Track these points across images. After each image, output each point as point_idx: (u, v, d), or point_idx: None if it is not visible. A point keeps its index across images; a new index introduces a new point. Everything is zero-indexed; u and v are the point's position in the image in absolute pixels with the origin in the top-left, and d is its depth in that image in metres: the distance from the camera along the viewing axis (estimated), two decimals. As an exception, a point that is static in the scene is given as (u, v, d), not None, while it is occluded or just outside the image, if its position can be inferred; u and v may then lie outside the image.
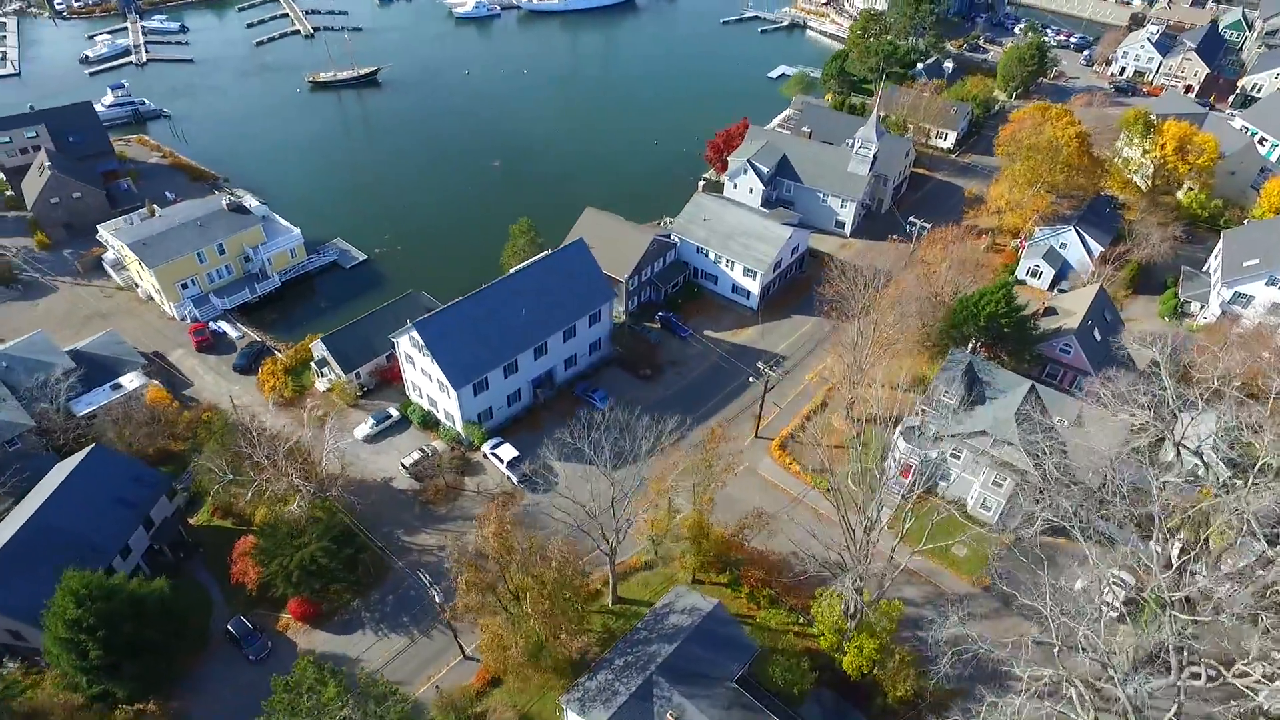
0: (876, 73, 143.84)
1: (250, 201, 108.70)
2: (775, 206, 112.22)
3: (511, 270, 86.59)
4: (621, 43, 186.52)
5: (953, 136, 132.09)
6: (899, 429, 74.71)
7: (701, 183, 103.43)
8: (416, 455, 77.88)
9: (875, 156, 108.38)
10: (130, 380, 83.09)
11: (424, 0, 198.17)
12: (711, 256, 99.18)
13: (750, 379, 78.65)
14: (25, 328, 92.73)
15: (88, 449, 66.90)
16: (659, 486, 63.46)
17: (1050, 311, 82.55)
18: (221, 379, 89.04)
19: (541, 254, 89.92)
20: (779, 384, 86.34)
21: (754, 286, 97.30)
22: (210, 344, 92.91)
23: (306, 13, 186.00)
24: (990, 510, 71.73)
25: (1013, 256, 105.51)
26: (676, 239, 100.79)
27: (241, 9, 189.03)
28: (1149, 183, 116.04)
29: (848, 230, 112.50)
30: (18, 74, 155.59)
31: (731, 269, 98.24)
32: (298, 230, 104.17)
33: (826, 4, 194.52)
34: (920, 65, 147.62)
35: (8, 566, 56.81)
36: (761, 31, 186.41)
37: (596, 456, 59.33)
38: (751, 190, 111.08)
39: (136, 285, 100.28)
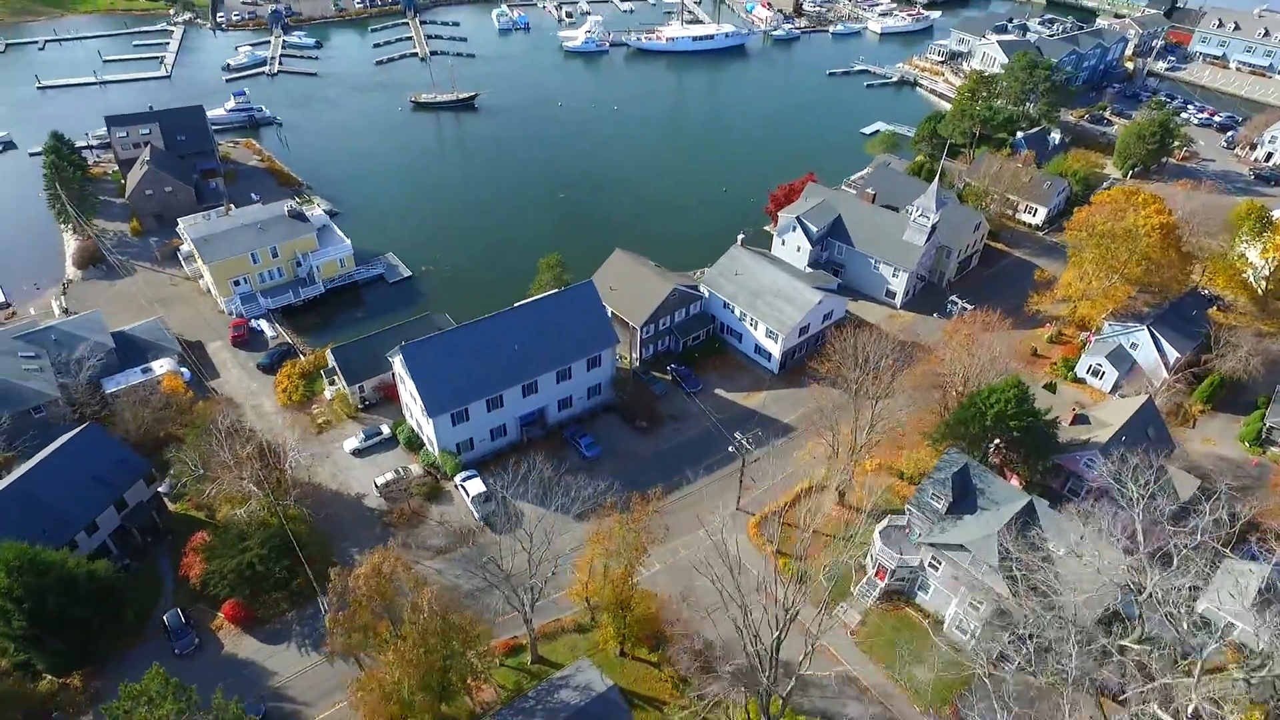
0: (969, 137, 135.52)
1: (315, 210, 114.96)
2: (824, 268, 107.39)
3: (516, 304, 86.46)
4: (722, 87, 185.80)
5: (1043, 213, 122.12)
6: (878, 528, 68.47)
7: (741, 236, 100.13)
8: (391, 476, 78.58)
9: (934, 227, 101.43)
10: (160, 365, 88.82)
11: (541, 34, 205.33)
12: (737, 313, 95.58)
13: (730, 448, 74.46)
14: (96, 305, 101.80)
15: (82, 426, 71.62)
16: (590, 550, 60.71)
17: (1081, 419, 73.47)
18: (246, 375, 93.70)
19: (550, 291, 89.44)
20: (767, 457, 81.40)
21: (775, 349, 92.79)
22: (245, 340, 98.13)
23: (429, 37, 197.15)
24: (967, 633, 64.00)
25: (1076, 350, 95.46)
26: (706, 291, 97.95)
27: (374, 29, 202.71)
28: (1265, 285, 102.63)
29: (899, 302, 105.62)
30: (168, 76, 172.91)
31: (755, 328, 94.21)
32: (349, 242, 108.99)
33: (942, 63, 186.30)
34: (1020, 134, 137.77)
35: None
36: (868, 86, 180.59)
37: (508, 514, 57.52)
38: (799, 249, 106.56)
39: (200, 277, 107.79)
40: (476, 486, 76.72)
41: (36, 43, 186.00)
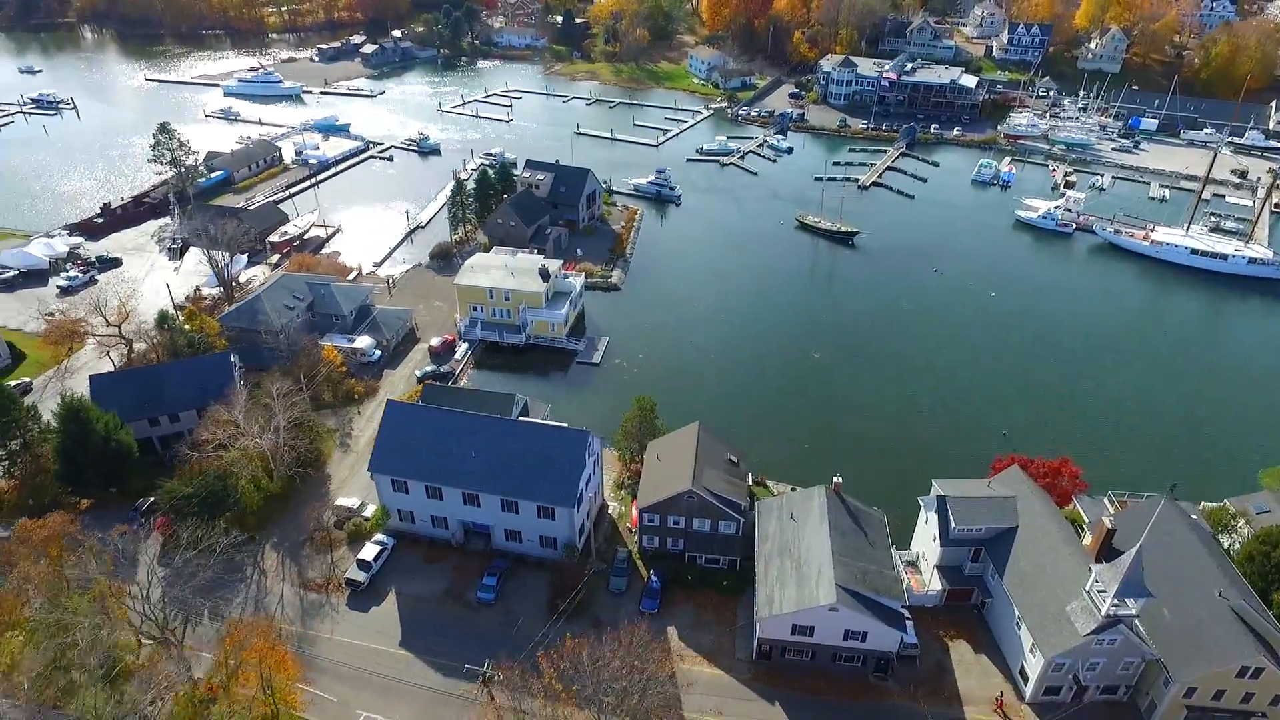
0: None
1: (574, 279, 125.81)
2: (966, 585, 75.34)
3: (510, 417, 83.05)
4: (1185, 320, 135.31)
5: None
6: None
7: (837, 479, 75.62)
8: (349, 503, 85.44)
9: (1115, 619, 61.62)
10: (359, 341, 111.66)
11: (1018, 195, 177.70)
12: (759, 564, 74.37)
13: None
14: (414, 287, 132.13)
15: (227, 350, 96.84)
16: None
17: None
18: (406, 377, 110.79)
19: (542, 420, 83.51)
20: None
21: (757, 630, 69.85)
22: (438, 353, 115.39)
23: (889, 169, 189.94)
24: None
25: None
26: (757, 518, 78.58)
27: (852, 150, 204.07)
28: None
29: (1026, 691, 67.46)
30: (656, 146, 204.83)
31: (759, 591, 72.07)
32: (564, 312, 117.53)
33: None
34: None
35: (109, 381, 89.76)
36: None
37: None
38: (934, 538, 76.21)
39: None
40: (367, 552, 78.63)
41: (611, 102, 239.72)
